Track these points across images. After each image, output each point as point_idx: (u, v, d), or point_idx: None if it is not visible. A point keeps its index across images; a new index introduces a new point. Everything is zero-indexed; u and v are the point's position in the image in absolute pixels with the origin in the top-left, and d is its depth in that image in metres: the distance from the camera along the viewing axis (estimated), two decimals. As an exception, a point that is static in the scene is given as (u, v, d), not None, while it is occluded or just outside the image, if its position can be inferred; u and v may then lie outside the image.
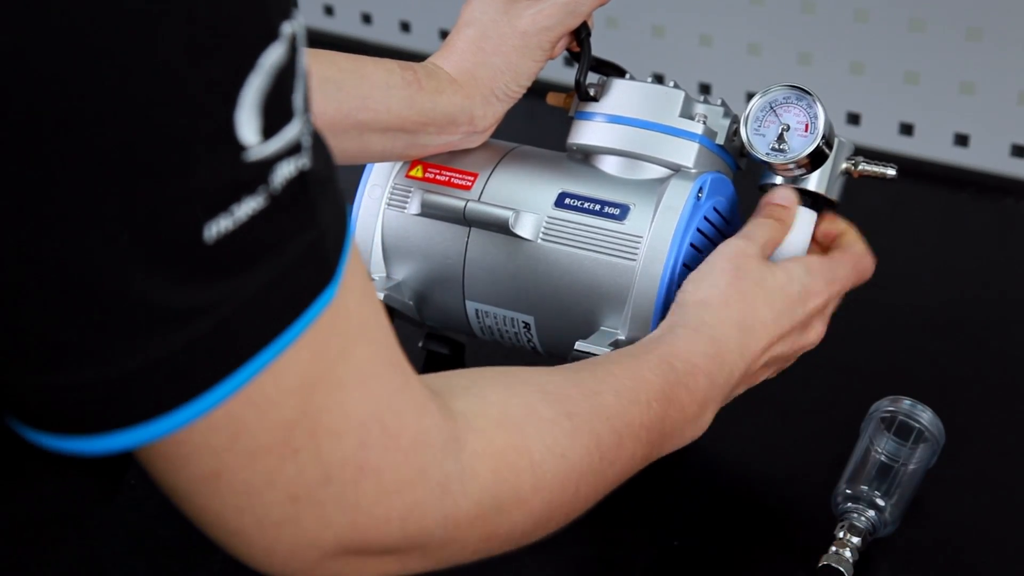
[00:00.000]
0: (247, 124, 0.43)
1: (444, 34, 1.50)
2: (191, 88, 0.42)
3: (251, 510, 0.50)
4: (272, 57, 0.44)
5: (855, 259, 0.86)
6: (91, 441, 0.45)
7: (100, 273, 0.42)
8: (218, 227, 0.43)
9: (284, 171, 0.45)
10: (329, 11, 1.60)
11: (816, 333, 0.84)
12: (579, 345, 0.83)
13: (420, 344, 1.00)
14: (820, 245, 0.89)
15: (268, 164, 0.44)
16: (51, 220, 0.41)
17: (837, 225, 0.88)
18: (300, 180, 0.46)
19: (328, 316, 0.48)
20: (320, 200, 0.47)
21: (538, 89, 0.91)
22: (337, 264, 0.48)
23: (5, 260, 0.42)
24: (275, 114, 0.44)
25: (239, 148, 0.43)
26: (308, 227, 0.47)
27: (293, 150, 0.45)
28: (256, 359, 0.46)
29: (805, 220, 0.88)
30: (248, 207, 0.44)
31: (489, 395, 0.61)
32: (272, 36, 0.44)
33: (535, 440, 0.61)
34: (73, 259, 0.42)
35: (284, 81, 0.45)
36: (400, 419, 0.53)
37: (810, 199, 0.88)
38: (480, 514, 0.57)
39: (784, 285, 0.80)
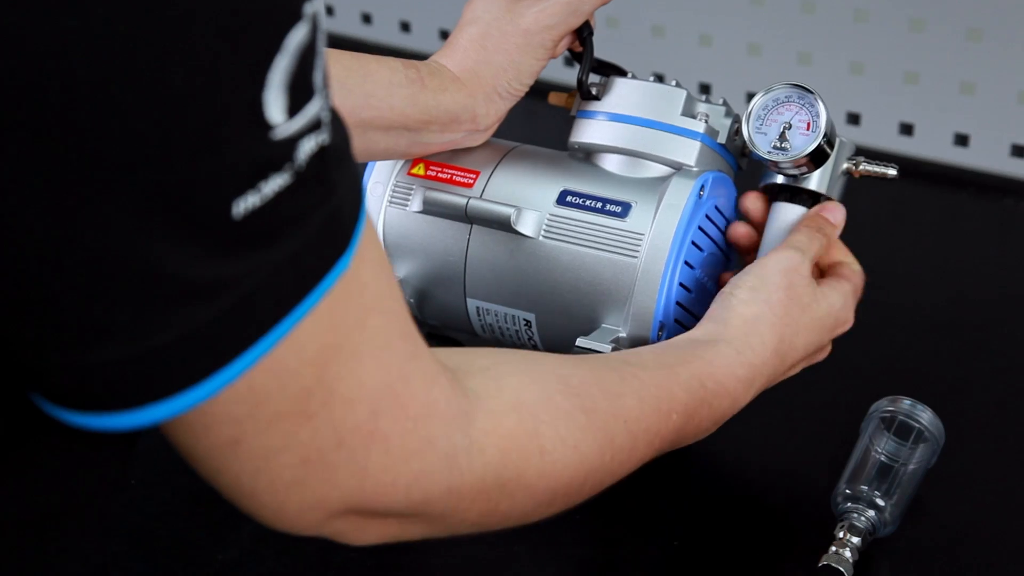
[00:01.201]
0: (274, 103, 0.44)
1: (444, 34, 1.50)
2: (222, 70, 0.43)
3: (266, 473, 0.52)
4: (297, 37, 0.45)
5: (862, 280, 0.88)
6: (119, 417, 0.46)
7: (131, 251, 0.43)
8: (246, 204, 0.44)
9: (307, 147, 0.46)
10: (329, 11, 1.60)
11: (826, 353, 0.87)
12: (580, 342, 0.83)
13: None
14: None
15: (293, 141, 0.46)
16: (83, 199, 0.42)
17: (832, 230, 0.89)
18: (321, 155, 0.47)
19: (344, 286, 0.49)
20: (337, 173, 0.49)
21: (539, 89, 0.91)
22: (352, 234, 0.49)
23: (36, 241, 0.42)
24: (299, 92, 0.45)
25: (267, 127, 0.44)
26: (327, 200, 0.48)
27: (315, 126, 0.47)
28: (276, 329, 0.47)
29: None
30: (275, 184, 0.45)
31: (507, 378, 0.62)
32: (296, 16, 0.45)
33: (548, 428, 0.62)
34: (104, 238, 0.43)
35: (307, 60, 0.46)
36: (410, 388, 0.54)
37: (810, 201, 0.88)
38: (483, 490, 0.58)
39: (824, 316, 0.83)
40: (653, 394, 0.69)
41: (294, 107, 0.45)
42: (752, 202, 0.90)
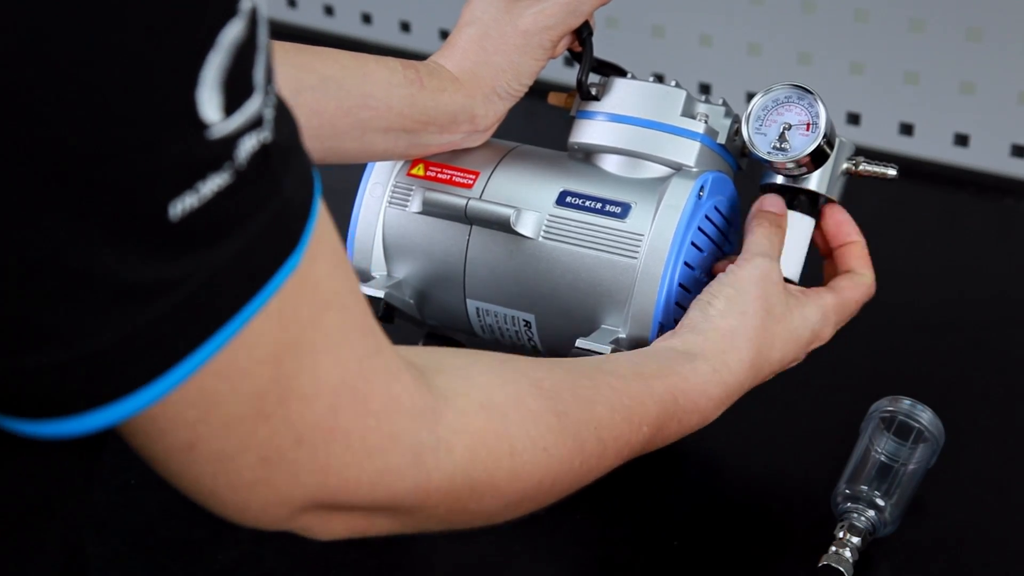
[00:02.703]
0: (209, 102, 0.43)
1: (444, 34, 1.50)
2: (150, 69, 0.42)
3: (225, 474, 0.51)
4: (231, 34, 0.44)
5: (864, 294, 0.87)
6: (66, 423, 0.46)
7: (64, 253, 0.42)
8: (183, 205, 0.43)
9: (247, 146, 0.45)
10: (329, 11, 1.60)
11: (798, 361, 0.85)
12: (579, 343, 0.83)
13: (420, 343, 1.00)
14: (825, 244, 0.89)
15: (232, 140, 0.45)
16: (10, 203, 0.41)
17: (848, 231, 0.88)
18: (263, 153, 0.46)
19: (295, 284, 0.49)
20: (282, 170, 0.48)
21: (538, 89, 0.91)
22: (301, 233, 0.49)
23: None
24: (236, 90, 0.44)
25: (202, 126, 0.43)
26: (272, 198, 0.47)
27: (255, 124, 0.45)
28: (224, 329, 0.46)
29: (803, 228, 0.88)
30: (214, 184, 0.44)
31: (477, 378, 0.61)
32: (231, 12, 0.44)
33: (518, 429, 0.61)
34: (35, 240, 0.42)
35: (244, 56, 0.44)
36: (370, 384, 0.53)
37: (809, 201, 0.88)
38: (451, 490, 0.58)
39: (798, 327, 0.82)
40: (626, 404, 0.69)
41: (231, 105, 0.44)
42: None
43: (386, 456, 0.54)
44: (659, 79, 0.91)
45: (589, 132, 0.90)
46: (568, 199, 0.87)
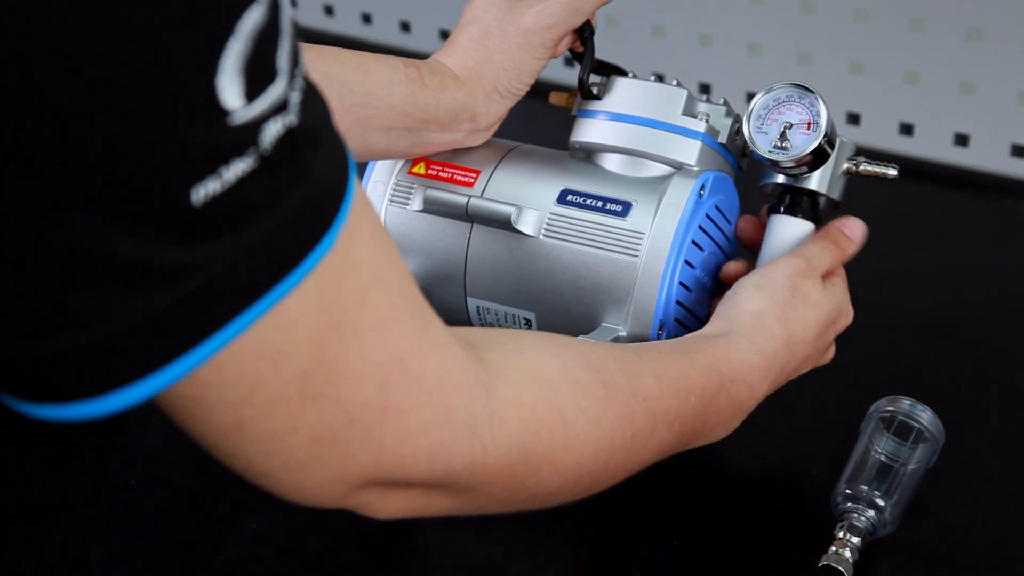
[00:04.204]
0: (229, 89, 0.43)
1: (444, 34, 1.50)
2: (169, 56, 0.42)
3: (277, 454, 0.51)
4: (251, 20, 0.43)
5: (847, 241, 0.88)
6: (88, 405, 0.46)
7: (85, 240, 0.42)
8: (206, 190, 0.44)
9: (272, 130, 0.45)
10: (329, 11, 1.60)
11: (832, 353, 0.88)
12: (580, 340, 0.83)
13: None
14: None
15: (255, 126, 0.45)
16: (31, 190, 0.41)
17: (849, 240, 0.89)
18: (289, 137, 0.46)
19: (334, 264, 0.49)
20: (311, 153, 0.48)
21: (539, 89, 0.91)
22: (336, 213, 0.48)
23: None
24: (258, 76, 0.44)
25: (223, 113, 0.43)
26: (301, 181, 0.47)
27: (279, 108, 0.45)
28: (252, 309, 0.46)
29: (804, 232, 0.88)
30: (237, 169, 0.44)
31: (526, 351, 0.62)
32: None
33: (568, 400, 0.61)
34: (57, 229, 0.42)
35: (265, 42, 0.44)
36: (422, 361, 0.53)
37: (810, 201, 0.88)
38: (508, 463, 0.58)
39: (830, 309, 0.83)
40: (671, 376, 0.69)
41: (253, 91, 0.44)
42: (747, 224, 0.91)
43: (441, 431, 0.54)
44: (659, 79, 0.91)
45: (590, 131, 0.90)
46: (569, 197, 0.87)
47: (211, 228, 0.45)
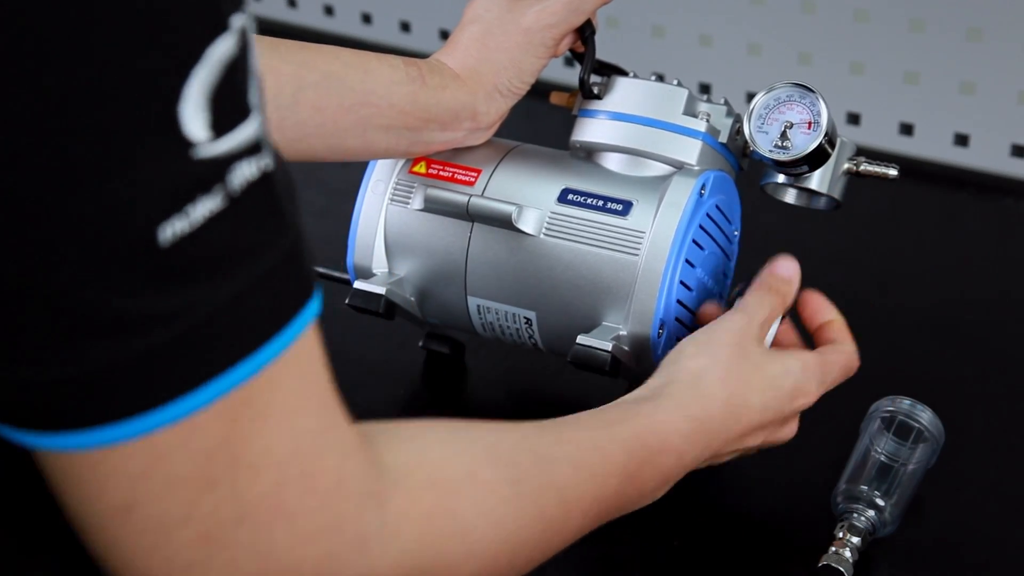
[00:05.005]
0: (194, 119, 0.41)
1: (444, 34, 1.50)
2: (129, 78, 0.40)
3: (162, 549, 0.47)
4: (221, 49, 0.42)
5: (846, 360, 0.83)
6: (28, 436, 0.44)
7: (36, 279, 0.40)
8: (173, 229, 0.41)
9: (244, 171, 0.43)
10: (329, 11, 1.60)
11: (790, 430, 0.81)
12: (580, 339, 0.83)
13: (420, 343, 1.00)
14: (805, 328, 0.85)
15: (223, 163, 0.42)
16: None
17: (824, 311, 0.85)
18: (264, 182, 0.44)
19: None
20: (289, 204, 0.45)
21: (540, 90, 0.91)
22: (315, 277, 0.46)
23: None
24: (228, 110, 0.42)
25: (187, 144, 0.41)
26: (282, 233, 0.45)
27: (252, 149, 0.43)
28: (207, 387, 0.44)
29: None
30: (204, 208, 0.42)
31: (429, 452, 0.57)
32: (220, 27, 0.42)
33: (469, 505, 0.57)
34: (8, 265, 0.40)
35: (236, 76, 0.43)
36: (321, 461, 0.50)
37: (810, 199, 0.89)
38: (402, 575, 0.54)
39: (779, 377, 0.78)
40: (590, 460, 0.65)
41: (222, 125, 0.42)
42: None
43: (331, 540, 0.50)
44: (660, 79, 0.91)
45: (591, 130, 0.90)
46: (570, 196, 0.87)
47: (184, 273, 0.42)
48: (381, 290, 0.89)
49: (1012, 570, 0.84)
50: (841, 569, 0.80)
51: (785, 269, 0.83)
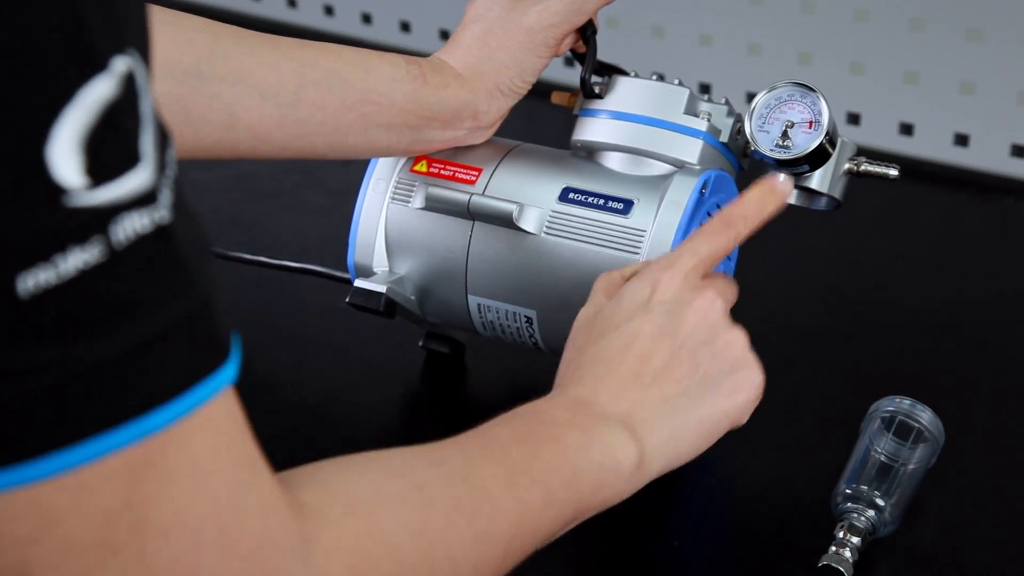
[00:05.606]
0: (66, 163, 0.39)
1: (444, 34, 1.50)
2: None
3: None
4: (97, 92, 0.39)
5: (693, 235, 0.74)
6: None
7: None
8: (36, 280, 0.39)
9: (131, 224, 0.40)
10: (329, 11, 1.60)
11: (732, 337, 0.72)
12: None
13: (420, 343, 1.00)
14: None
15: (104, 213, 0.40)
16: None
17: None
18: (160, 236, 0.41)
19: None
20: (197, 265, 0.43)
21: (541, 90, 0.91)
22: (231, 341, 0.44)
23: None
24: (109, 157, 0.40)
25: (56, 190, 0.39)
26: (181, 292, 0.42)
27: (142, 201, 0.41)
28: (113, 433, 0.41)
29: None
30: (77, 259, 0.39)
31: (333, 481, 0.55)
32: (95, 68, 0.39)
33: (386, 520, 0.55)
34: None
35: (120, 121, 0.40)
36: (241, 521, 0.47)
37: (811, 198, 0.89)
38: None
39: (619, 297, 0.73)
40: (477, 444, 0.62)
41: (101, 173, 0.39)
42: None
43: None
44: (660, 79, 0.91)
45: (592, 130, 0.90)
46: (571, 195, 0.87)
47: (50, 328, 0.39)
48: (382, 288, 0.89)
49: (1012, 570, 0.84)
50: (841, 569, 0.79)
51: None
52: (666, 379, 0.70)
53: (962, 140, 1.27)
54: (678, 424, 0.70)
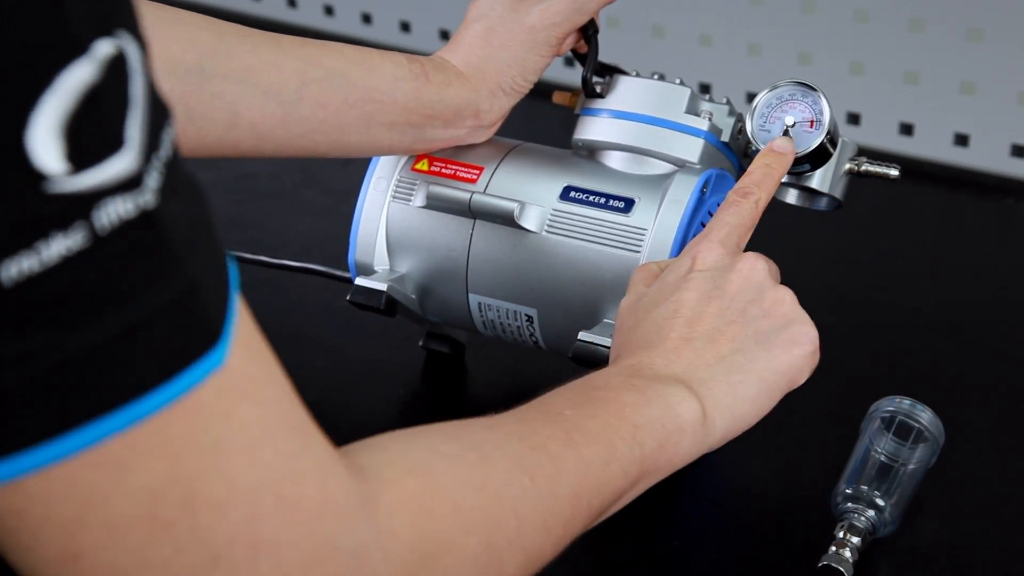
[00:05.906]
0: (46, 149, 0.38)
1: (444, 34, 1.50)
2: None
3: None
4: (76, 76, 0.39)
5: (729, 203, 0.77)
6: None
7: None
8: (19, 267, 0.38)
9: (114, 209, 0.40)
10: (329, 11, 1.60)
11: (780, 296, 0.72)
12: (582, 335, 0.83)
13: (420, 343, 1.00)
14: None
15: (87, 199, 0.39)
16: None
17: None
18: (145, 222, 0.41)
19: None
20: (186, 249, 0.42)
21: (542, 90, 0.91)
22: (222, 325, 0.43)
23: None
24: (92, 142, 0.39)
25: (36, 176, 0.38)
26: (169, 277, 0.42)
27: (126, 186, 0.40)
28: (96, 424, 0.41)
29: None
30: (60, 246, 0.39)
31: (390, 445, 0.55)
32: (74, 51, 0.39)
33: (447, 478, 0.54)
34: None
35: (103, 105, 0.40)
36: (298, 486, 0.47)
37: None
38: (409, 574, 0.51)
39: (667, 272, 0.75)
40: (531, 414, 0.62)
41: (83, 158, 0.39)
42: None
43: (324, 566, 0.47)
44: (661, 79, 0.91)
45: (593, 129, 0.90)
46: (572, 194, 0.87)
47: (34, 316, 0.39)
48: (382, 287, 0.89)
49: (1012, 570, 0.84)
50: (841, 569, 0.79)
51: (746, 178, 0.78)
52: (719, 339, 0.70)
53: (962, 140, 1.27)
54: (737, 381, 0.69)
